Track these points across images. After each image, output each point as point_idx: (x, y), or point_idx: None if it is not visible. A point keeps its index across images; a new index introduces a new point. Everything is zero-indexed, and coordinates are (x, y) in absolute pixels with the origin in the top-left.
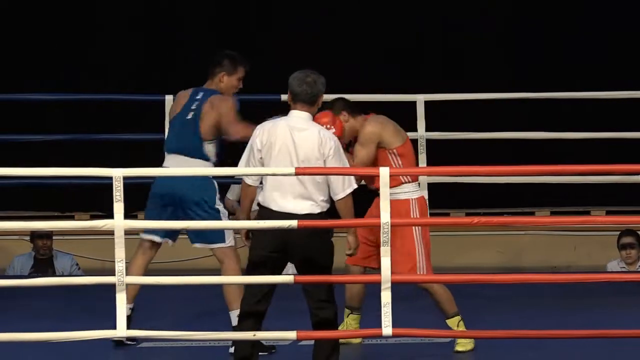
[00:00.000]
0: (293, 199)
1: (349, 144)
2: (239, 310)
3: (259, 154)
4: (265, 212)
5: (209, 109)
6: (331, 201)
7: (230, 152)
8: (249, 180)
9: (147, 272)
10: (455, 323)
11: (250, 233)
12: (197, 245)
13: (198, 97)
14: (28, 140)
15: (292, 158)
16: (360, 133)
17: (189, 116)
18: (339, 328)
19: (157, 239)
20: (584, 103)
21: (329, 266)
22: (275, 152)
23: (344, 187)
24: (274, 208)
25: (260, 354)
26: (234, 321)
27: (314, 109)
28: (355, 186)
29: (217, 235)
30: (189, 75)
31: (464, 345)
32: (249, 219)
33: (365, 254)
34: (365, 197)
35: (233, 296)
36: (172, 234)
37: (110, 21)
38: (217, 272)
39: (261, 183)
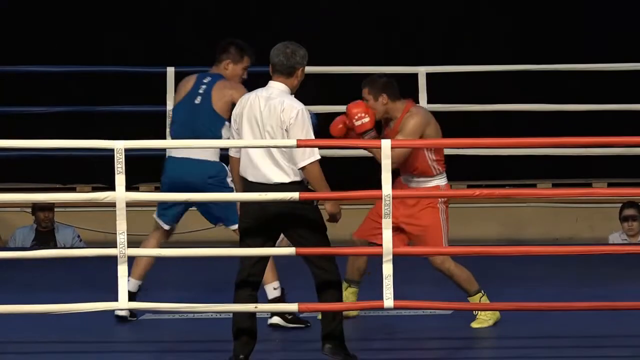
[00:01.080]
0: (264, 169)
1: (379, 125)
2: (275, 282)
3: (235, 125)
4: (243, 183)
5: (219, 89)
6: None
7: None
8: (231, 152)
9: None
10: (477, 300)
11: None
12: (219, 225)
13: (205, 80)
14: (30, 112)
15: (260, 127)
16: (405, 123)
17: (197, 101)
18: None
19: (165, 226)
20: (586, 75)
21: (315, 233)
22: (245, 122)
23: (304, 156)
24: (250, 178)
25: (296, 326)
26: (270, 294)
27: (293, 80)
28: (318, 157)
29: (232, 217)
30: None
31: (480, 322)
32: (242, 190)
33: (373, 230)
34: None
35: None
36: (177, 219)
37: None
38: (219, 244)
39: None
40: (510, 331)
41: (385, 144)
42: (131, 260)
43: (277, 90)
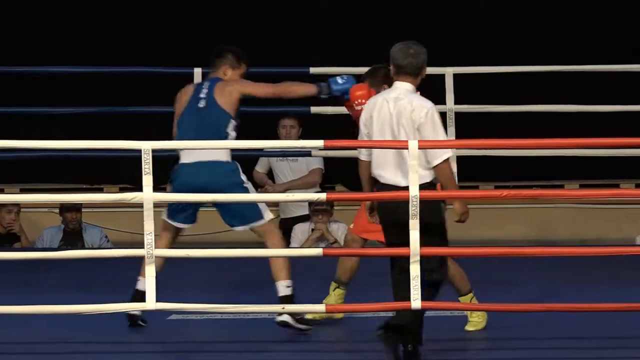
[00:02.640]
0: (394, 172)
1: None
2: (286, 280)
3: (365, 130)
4: (376, 184)
5: (220, 92)
6: None
7: (248, 128)
8: (361, 156)
9: (176, 245)
10: (468, 300)
11: (373, 208)
12: (239, 228)
13: (204, 86)
14: (58, 113)
15: (392, 129)
16: None
17: (201, 104)
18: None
19: (178, 225)
20: (613, 75)
21: (436, 234)
22: (375, 126)
23: (437, 154)
24: (381, 181)
25: (304, 327)
26: (282, 291)
27: (418, 80)
28: (451, 154)
29: (254, 214)
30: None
31: (475, 324)
32: (370, 192)
33: (369, 228)
34: None
35: (279, 267)
36: (191, 219)
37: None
38: (243, 245)
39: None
40: (537, 332)
41: (412, 145)
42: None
43: (404, 91)
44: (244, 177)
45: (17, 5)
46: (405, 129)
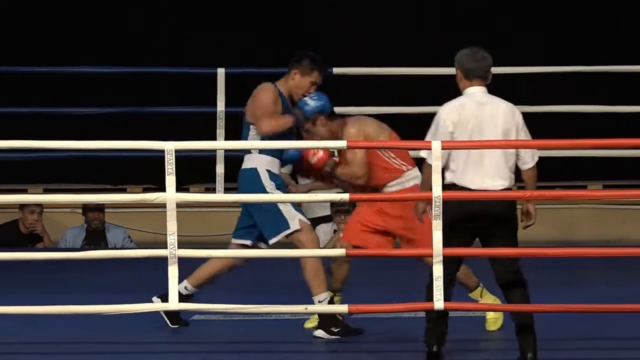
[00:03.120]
0: (490, 176)
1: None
2: (319, 295)
3: (450, 136)
4: (456, 190)
5: (250, 100)
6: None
7: None
8: (429, 160)
9: (198, 246)
10: (478, 294)
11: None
12: (273, 240)
13: None
14: (81, 113)
15: (491, 133)
16: (345, 138)
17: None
18: None
19: (248, 242)
20: (636, 76)
21: (514, 236)
22: (469, 130)
23: (533, 156)
24: (472, 187)
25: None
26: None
27: (486, 82)
28: (539, 154)
29: (278, 225)
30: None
31: (494, 322)
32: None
33: (359, 234)
34: None
35: (312, 282)
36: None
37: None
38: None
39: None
40: (556, 333)
41: (436, 145)
42: (181, 261)
43: (482, 94)
44: (267, 183)
45: (18, 5)
46: (504, 134)
